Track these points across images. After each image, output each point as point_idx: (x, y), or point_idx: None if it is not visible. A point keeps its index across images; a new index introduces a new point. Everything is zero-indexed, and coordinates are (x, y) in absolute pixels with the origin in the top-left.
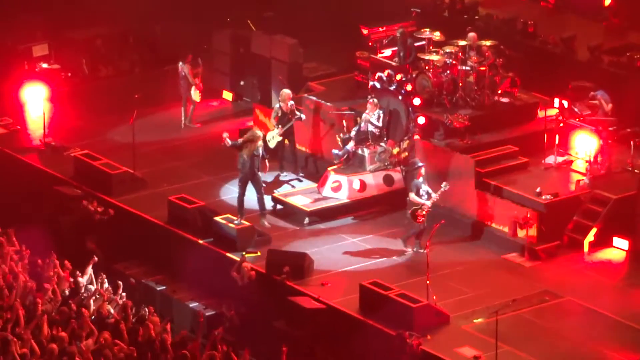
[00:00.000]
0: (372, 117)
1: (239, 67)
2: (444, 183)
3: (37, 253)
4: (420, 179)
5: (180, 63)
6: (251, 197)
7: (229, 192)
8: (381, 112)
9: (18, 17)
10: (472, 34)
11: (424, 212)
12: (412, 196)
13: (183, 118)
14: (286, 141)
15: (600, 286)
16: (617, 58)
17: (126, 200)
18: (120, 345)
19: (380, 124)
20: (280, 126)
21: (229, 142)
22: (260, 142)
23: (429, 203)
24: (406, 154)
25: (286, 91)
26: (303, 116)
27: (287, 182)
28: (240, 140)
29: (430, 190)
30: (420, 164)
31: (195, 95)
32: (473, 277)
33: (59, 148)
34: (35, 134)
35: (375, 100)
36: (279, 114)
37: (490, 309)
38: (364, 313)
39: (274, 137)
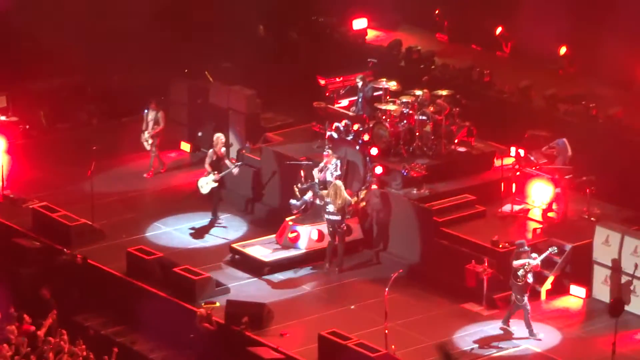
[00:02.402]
0: (331, 167)
1: (196, 117)
2: (552, 247)
3: None
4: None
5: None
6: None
7: (188, 243)
8: (339, 161)
9: None
10: (424, 91)
11: (529, 270)
12: (515, 263)
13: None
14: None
15: (558, 334)
16: (572, 106)
17: (85, 252)
18: None
19: (339, 173)
20: (216, 172)
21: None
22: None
23: (533, 262)
24: (364, 203)
25: (219, 136)
26: (235, 170)
27: (223, 225)
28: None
29: (536, 255)
30: (526, 247)
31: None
32: (431, 325)
33: (18, 200)
34: None
35: (330, 151)
36: (213, 159)
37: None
38: None
39: (207, 183)
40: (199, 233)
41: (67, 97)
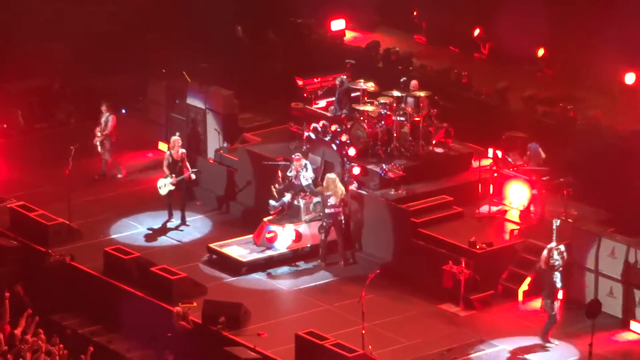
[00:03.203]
0: (302, 171)
1: (174, 117)
2: (555, 220)
3: None
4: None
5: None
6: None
7: (164, 242)
8: (308, 162)
9: None
10: (414, 82)
11: (564, 250)
12: (543, 254)
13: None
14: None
15: (535, 335)
16: (550, 108)
17: (62, 251)
18: None
19: (311, 175)
20: (173, 175)
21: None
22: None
23: (553, 244)
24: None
25: (176, 139)
26: (193, 176)
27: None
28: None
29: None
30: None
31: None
32: (408, 326)
33: None
34: None
35: (299, 154)
36: (170, 161)
37: (425, 359)
38: None
39: (165, 185)
40: (176, 232)
41: (45, 96)
